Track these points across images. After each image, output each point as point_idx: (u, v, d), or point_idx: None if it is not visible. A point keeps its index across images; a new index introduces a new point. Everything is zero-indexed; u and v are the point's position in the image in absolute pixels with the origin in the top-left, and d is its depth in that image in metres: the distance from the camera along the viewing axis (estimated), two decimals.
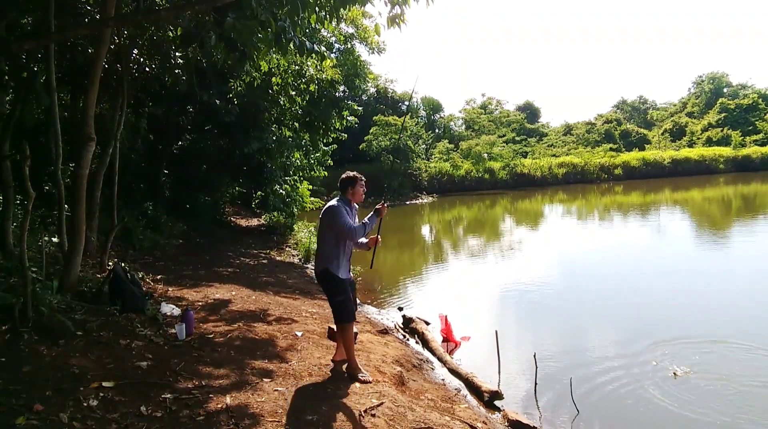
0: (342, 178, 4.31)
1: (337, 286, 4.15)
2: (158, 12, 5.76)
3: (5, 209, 5.61)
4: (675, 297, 8.08)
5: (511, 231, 17.63)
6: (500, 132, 42.37)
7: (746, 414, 4.52)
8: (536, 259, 12.21)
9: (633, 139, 45.32)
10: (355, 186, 4.26)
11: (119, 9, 6.21)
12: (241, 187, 15.63)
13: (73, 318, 4.69)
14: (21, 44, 5.18)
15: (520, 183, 32.41)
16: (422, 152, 33.95)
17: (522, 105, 57.60)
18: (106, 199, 7.23)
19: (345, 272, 4.22)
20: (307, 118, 13.05)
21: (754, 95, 46.08)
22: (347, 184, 4.27)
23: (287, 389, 3.80)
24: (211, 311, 6.00)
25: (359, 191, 4.29)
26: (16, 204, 6.00)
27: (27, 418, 2.99)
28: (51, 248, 6.42)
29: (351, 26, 12.63)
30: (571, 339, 6.41)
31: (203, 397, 3.52)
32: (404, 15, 4.21)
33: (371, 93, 33.00)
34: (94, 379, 3.59)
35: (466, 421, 3.97)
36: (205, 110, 11.28)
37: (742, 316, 7.03)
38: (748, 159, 37.06)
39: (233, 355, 4.48)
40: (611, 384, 5.16)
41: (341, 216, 4.08)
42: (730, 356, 5.74)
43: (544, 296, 8.57)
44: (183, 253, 9.86)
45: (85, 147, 5.79)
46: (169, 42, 8.64)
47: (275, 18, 4.35)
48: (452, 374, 5.42)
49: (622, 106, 61.08)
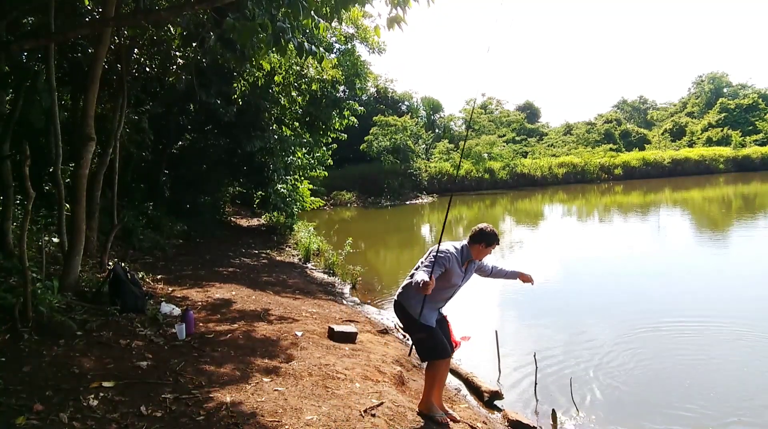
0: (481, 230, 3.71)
1: (411, 324, 3.73)
2: (158, 12, 5.77)
3: (5, 209, 5.61)
4: (676, 297, 8.08)
5: (511, 231, 17.63)
6: (500, 132, 42.37)
7: (752, 418, 4.51)
8: (536, 258, 12.21)
9: (633, 139, 45.31)
10: (489, 246, 3.73)
11: (119, 9, 6.21)
12: (241, 186, 15.62)
13: (73, 318, 4.69)
14: (21, 44, 5.19)
15: (520, 183, 32.40)
16: (422, 152, 33.95)
17: (522, 105, 57.58)
18: (106, 199, 7.23)
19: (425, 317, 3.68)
20: (307, 118, 13.07)
21: (754, 95, 46.07)
22: (482, 240, 3.69)
23: (287, 389, 3.80)
24: (211, 311, 6.00)
25: (487, 251, 3.76)
26: (16, 204, 6.00)
27: (27, 418, 2.99)
28: (51, 248, 6.42)
29: (351, 26, 12.64)
30: (571, 339, 6.41)
31: (203, 397, 3.52)
32: (404, 16, 4.19)
33: (371, 93, 32.99)
34: (94, 379, 3.60)
35: (466, 421, 3.97)
36: (206, 110, 11.28)
37: (742, 316, 7.02)
38: (748, 159, 37.03)
39: (233, 355, 4.48)
40: (611, 384, 5.16)
41: (437, 266, 3.56)
42: (734, 356, 5.74)
43: (545, 296, 8.56)
44: (183, 253, 9.86)
45: (85, 147, 5.80)
46: (169, 42, 8.65)
47: (273, 20, 4.34)
48: (452, 374, 5.42)
49: (622, 106, 61.10)
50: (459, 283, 3.76)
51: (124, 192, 9.62)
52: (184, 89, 9.83)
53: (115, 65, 7.99)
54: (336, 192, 26.00)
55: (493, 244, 3.72)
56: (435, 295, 3.61)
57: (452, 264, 3.65)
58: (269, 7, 4.39)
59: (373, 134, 29.02)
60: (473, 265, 3.82)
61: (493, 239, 3.70)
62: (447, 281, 3.69)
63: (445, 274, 3.65)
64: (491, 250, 3.75)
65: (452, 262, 3.65)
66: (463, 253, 3.72)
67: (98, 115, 7.09)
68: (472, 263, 3.80)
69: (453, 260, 3.66)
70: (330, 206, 24.70)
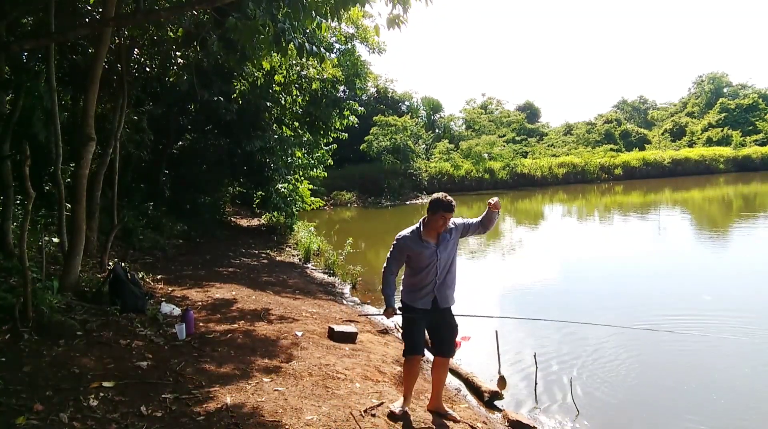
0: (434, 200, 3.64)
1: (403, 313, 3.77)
2: (158, 12, 5.78)
3: (5, 209, 5.62)
4: (676, 297, 8.07)
5: (511, 231, 17.63)
6: (500, 132, 42.34)
7: (757, 423, 4.48)
8: (536, 258, 12.21)
9: (633, 139, 45.26)
10: (448, 212, 3.59)
11: (119, 9, 6.21)
12: (241, 186, 15.62)
13: (73, 318, 4.70)
14: (21, 44, 5.19)
15: (520, 183, 32.37)
16: (422, 152, 33.94)
17: (522, 105, 57.52)
18: (106, 199, 7.23)
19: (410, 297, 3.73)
20: (307, 118, 13.07)
21: (754, 95, 46.01)
22: (438, 208, 3.58)
23: (287, 389, 3.80)
24: (211, 311, 6.00)
25: (448, 217, 3.61)
26: (16, 204, 6.00)
27: (27, 418, 2.99)
28: (51, 248, 6.42)
29: (351, 26, 12.63)
30: (571, 339, 6.40)
31: (203, 397, 3.52)
32: (404, 15, 4.19)
33: (371, 93, 32.99)
34: (94, 379, 3.60)
35: (466, 421, 3.97)
36: (206, 110, 11.29)
37: (745, 315, 7.02)
38: (748, 159, 37.01)
39: (233, 355, 4.48)
40: (612, 384, 5.15)
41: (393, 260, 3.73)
42: (736, 357, 5.73)
43: (545, 296, 8.57)
44: (183, 253, 9.86)
45: (86, 147, 5.80)
46: (169, 42, 8.66)
47: (274, 20, 4.34)
48: (452, 374, 5.42)
49: (622, 106, 61.04)
50: (436, 258, 3.63)
51: (124, 192, 9.62)
52: (185, 89, 9.83)
53: (115, 65, 7.98)
54: (336, 192, 25.98)
55: (450, 210, 3.56)
56: (415, 280, 3.68)
57: (410, 246, 3.65)
58: (270, 7, 4.39)
59: (373, 134, 29.01)
60: (448, 236, 3.68)
61: (447, 205, 3.55)
62: (419, 262, 3.65)
63: (412, 258, 3.67)
64: (451, 215, 3.60)
65: (408, 245, 3.65)
66: (422, 228, 3.67)
67: (98, 115, 7.09)
68: (445, 234, 3.67)
69: (407, 242, 3.65)
70: (330, 206, 24.69)
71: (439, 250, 3.64)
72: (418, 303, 3.68)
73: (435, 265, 3.63)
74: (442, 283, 3.69)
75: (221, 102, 10.84)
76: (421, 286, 3.67)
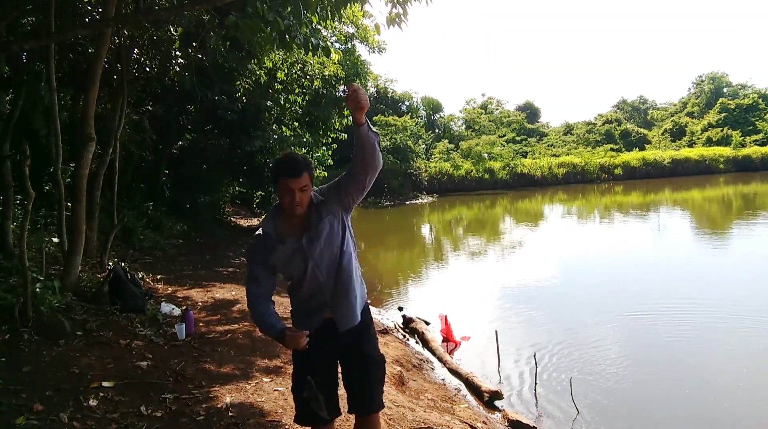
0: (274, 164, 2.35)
1: None
2: (158, 12, 5.77)
3: (5, 209, 5.62)
4: (677, 297, 8.07)
5: (511, 231, 17.63)
6: (500, 132, 42.35)
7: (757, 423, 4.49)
8: (536, 258, 12.21)
9: (633, 139, 45.26)
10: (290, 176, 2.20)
11: (119, 9, 6.21)
12: (241, 186, 15.62)
13: (73, 318, 4.70)
14: (21, 44, 5.18)
15: (520, 183, 32.37)
16: (422, 152, 33.94)
17: (522, 105, 57.53)
18: (106, 199, 7.23)
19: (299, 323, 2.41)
20: (307, 118, 13.07)
21: (754, 95, 45.98)
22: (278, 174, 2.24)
23: (287, 389, 3.79)
24: (211, 311, 6.00)
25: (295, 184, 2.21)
26: (16, 204, 6.00)
27: (27, 418, 2.99)
28: (51, 248, 6.42)
29: (351, 26, 12.64)
30: (571, 339, 6.40)
31: (203, 397, 3.52)
32: (404, 15, 4.19)
33: (371, 93, 32.99)
34: (94, 379, 3.60)
35: (466, 421, 3.97)
36: (206, 110, 11.29)
37: (746, 315, 7.02)
38: (748, 159, 37.00)
39: (233, 355, 4.48)
40: (612, 384, 5.15)
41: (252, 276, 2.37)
42: (735, 357, 5.73)
43: (545, 296, 8.56)
44: (183, 253, 9.86)
45: (86, 147, 5.79)
46: (169, 42, 8.65)
47: (281, 17, 4.33)
48: (452, 374, 5.43)
49: (622, 106, 61.02)
50: (304, 256, 2.27)
51: (124, 192, 9.62)
52: (186, 89, 9.83)
53: (115, 65, 7.98)
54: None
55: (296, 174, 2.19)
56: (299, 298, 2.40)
57: (262, 248, 2.30)
58: (274, 5, 4.38)
59: None
60: (317, 218, 2.29)
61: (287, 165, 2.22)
62: (286, 269, 2.33)
63: (278, 266, 2.32)
64: (300, 182, 2.20)
65: (259, 248, 2.31)
66: (275, 215, 2.33)
67: (98, 115, 7.08)
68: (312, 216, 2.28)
69: (258, 245, 2.31)
70: None
71: (305, 243, 2.27)
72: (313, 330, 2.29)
73: (310, 269, 2.29)
74: (335, 293, 2.34)
75: (223, 101, 10.84)
76: (308, 307, 2.39)
